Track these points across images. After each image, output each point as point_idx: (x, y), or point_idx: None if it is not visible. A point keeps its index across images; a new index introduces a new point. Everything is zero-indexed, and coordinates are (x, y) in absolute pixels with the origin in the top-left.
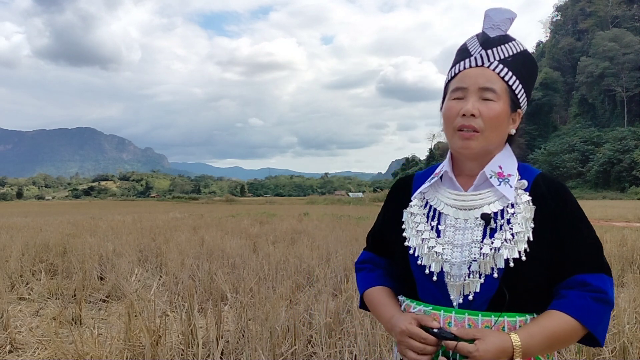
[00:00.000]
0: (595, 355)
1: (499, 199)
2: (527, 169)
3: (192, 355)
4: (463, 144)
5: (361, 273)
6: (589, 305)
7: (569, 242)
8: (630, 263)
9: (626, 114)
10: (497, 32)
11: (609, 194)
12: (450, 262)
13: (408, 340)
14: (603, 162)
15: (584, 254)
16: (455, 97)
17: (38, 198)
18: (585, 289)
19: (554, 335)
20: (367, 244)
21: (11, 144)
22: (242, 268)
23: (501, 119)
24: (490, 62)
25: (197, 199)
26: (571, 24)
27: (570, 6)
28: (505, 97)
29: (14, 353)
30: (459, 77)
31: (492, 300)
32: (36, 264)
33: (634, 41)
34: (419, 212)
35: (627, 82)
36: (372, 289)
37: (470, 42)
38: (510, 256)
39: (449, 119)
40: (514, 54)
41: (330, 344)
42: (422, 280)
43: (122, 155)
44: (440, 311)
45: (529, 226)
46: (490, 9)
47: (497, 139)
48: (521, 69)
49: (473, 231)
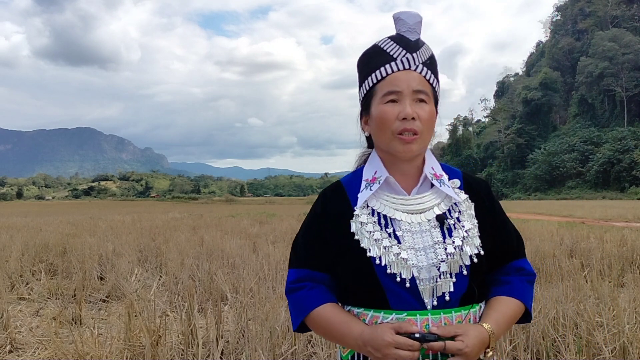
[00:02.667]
0: (595, 355)
1: (443, 200)
2: (450, 168)
3: (192, 355)
4: (405, 147)
5: (299, 292)
6: (527, 288)
7: (502, 233)
8: (630, 263)
9: (626, 114)
10: (415, 35)
11: (609, 194)
12: (418, 267)
13: (396, 352)
14: (603, 162)
15: (514, 243)
16: (389, 101)
17: (38, 198)
18: (521, 273)
19: (510, 318)
20: (297, 260)
21: (11, 144)
22: (242, 268)
23: (434, 119)
24: (417, 65)
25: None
26: (571, 24)
27: (570, 6)
28: (432, 98)
29: (14, 353)
30: (389, 80)
31: (462, 296)
32: (36, 264)
33: (634, 41)
34: (368, 220)
35: (627, 82)
36: (322, 307)
37: (388, 45)
38: (472, 252)
39: (386, 123)
40: (430, 56)
41: (330, 344)
42: (394, 289)
43: (122, 155)
44: (415, 316)
45: (475, 222)
46: (401, 12)
47: (430, 140)
48: (435, 70)
49: (431, 233)
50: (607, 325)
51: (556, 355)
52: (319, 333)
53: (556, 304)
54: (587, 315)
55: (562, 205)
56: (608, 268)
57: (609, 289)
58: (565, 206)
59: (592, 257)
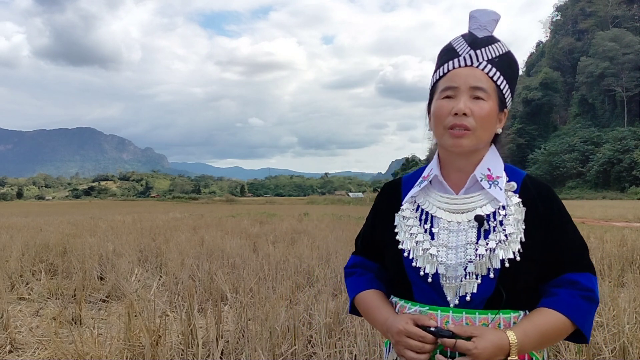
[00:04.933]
0: (595, 355)
1: (490, 202)
2: (514, 171)
3: (192, 355)
4: (454, 142)
5: (351, 277)
6: (578, 304)
7: (558, 242)
8: (630, 263)
9: (626, 114)
10: (484, 32)
11: (609, 194)
12: (445, 264)
13: (406, 340)
14: (603, 162)
15: (572, 254)
16: (446, 96)
17: (38, 198)
18: (575, 287)
19: (546, 332)
20: (356, 248)
21: (11, 144)
22: (242, 268)
23: (491, 117)
24: (479, 62)
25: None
26: (571, 24)
27: (570, 6)
28: (494, 96)
29: (14, 353)
30: (448, 76)
31: (488, 299)
32: (36, 264)
33: (634, 41)
34: (411, 215)
35: (627, 82)
36: (364, 292)
37: (456, 43)
38: (505, 256)
39: (440, 118)
40: (500, 55)
41: (330, 344)
42: (418, 282)
43: (122, 155)
44: (437, 311)
45: (521, 227)
46: (476, 10)
47: (487, 138)
48: (507, 69)
49: (467, 233)
50: (607, 325)
51: (556, 355)
52: (362, 316)
53: None
54: None
55: None
56: (608, 268)
57: (609, 289)
58: (566, 206)
59: (592, 257)
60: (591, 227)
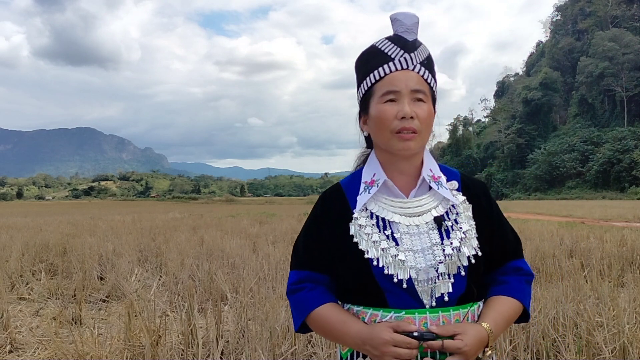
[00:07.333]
0: (595, 355)
1: (441, 202)
2: (448, 169)
3: (192, 355)
4: (404, 145)
5: (300, 294)
6: (525, 288)
7: (500, 234)
8: (630, 263)
9: (626, 114)
10: (412, 35)
11: (609, 194)
12: (416, 268)
13: (394, 350)
14: (603, 162)
15: (512, 243)
16: (388, 100)
17: (38, 198)
18: (519, 273)
19: (508, 317)
20: (298, 262)
21: (11, 144)
22: (242, 268)
23: (432, 118)
24: (414, 64)
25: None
26: (571, 24)
27: (570, 6)
28: (430, 97)
29: (14, 353)
30: (387, 80)
31: (461, 296)
32: (36, 264)
33: (634, 41)
34: (367, 223)
35: (627, 82)
36: (322, 307)
37: (386, 46)
38: (470, 253)
39: (385, 122)
40: (427, 56)
41: (330, 344)
42: (392, 289)
43: (122, 155)
44: (414, 314)
45: (472, 223)
46: (398, 13)
47: (428, 138)
48: (432, 70)
49: (429, 235)
50: (607, 325)
51: (556, 355)
52: (319, 333)
53: (556, 304)
54: (587, 315)
55: (562, 205)
56: (608, 268)
57: (608, 289)
58: (565, 206)
59: (592, 257)
60: (591, 227)
